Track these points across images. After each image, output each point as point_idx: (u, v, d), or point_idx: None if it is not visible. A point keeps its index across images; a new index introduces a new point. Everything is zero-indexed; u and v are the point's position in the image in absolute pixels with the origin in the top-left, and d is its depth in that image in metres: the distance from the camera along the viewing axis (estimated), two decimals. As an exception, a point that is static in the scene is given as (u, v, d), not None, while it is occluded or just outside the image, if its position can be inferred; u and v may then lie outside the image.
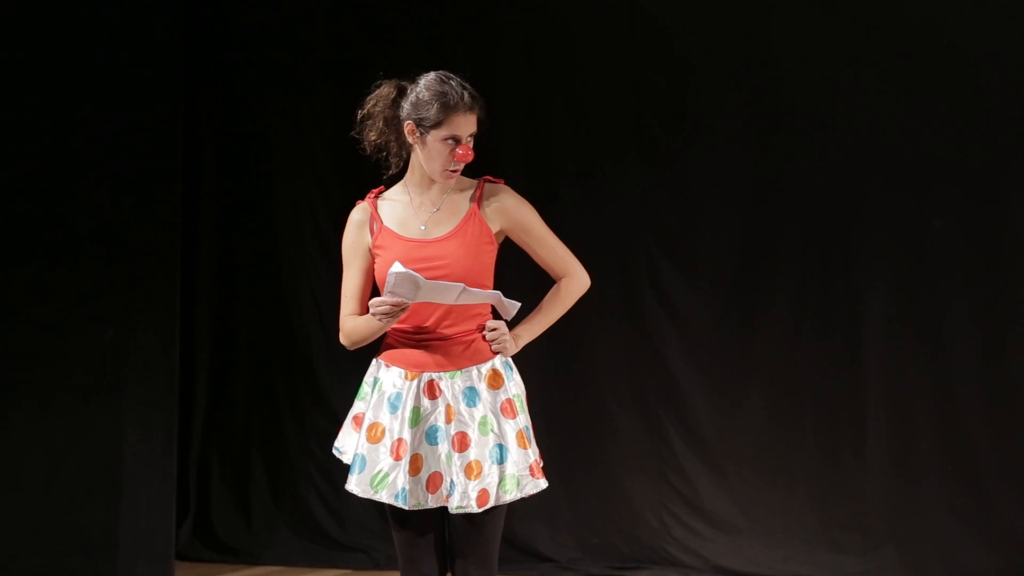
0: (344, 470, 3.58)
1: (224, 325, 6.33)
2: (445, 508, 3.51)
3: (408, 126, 3.54)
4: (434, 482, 3.47)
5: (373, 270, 3.61)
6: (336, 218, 6.17)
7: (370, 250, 3.59)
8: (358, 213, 3.63)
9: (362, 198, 3.64)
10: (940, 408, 5.73)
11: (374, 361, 3.60)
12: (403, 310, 3.39)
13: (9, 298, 5.69)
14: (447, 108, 3.48)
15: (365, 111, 3.61)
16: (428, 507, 3.49)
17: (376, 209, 3.59)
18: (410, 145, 3.58)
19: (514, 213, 3.60)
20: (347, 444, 3.59)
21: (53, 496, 5.71)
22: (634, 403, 6.04)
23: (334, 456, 3.65)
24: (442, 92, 3.50)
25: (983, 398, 5.65)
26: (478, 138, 3.55)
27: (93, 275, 5.78)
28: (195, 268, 6.25)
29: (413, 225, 3.55)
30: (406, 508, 3.47)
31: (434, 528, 3.55)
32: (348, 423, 3.61)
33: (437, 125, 3.49)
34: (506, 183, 3.64)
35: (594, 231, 6.04)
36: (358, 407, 3.60)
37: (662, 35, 5.98)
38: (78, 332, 5.76)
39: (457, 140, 3.50)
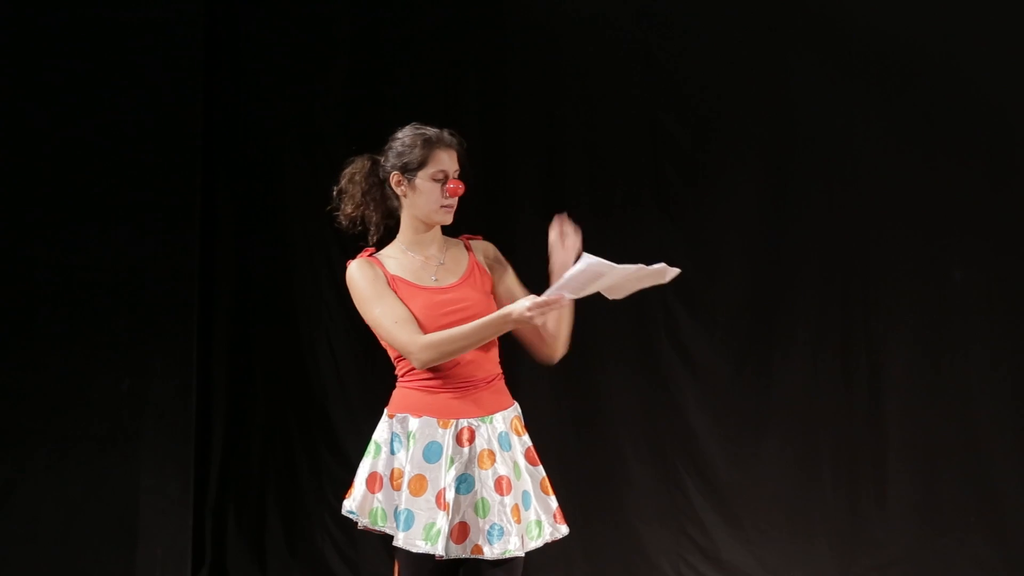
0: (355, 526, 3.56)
1: (240, 375, 6.33)
2: (456, 563, 3.47)
3: (394, 177, 3.58)
4: (461, 531, 3.43)
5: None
6: (353, 268, 6.25)
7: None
8: (363, 265, 3.60)
9: (352, 258, 3.64)
10: (962, 458, 5.70)
11: (389, 419, 3.55)
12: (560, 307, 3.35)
13: (26, 347, 5.72)
14: (430, 144, 3.57)
15: (340, 186, 3.67)
16: (455, 556, 3.43)
17: (380, 263, 3.60)
18: (396, 205, 3.61)
19: (504, 266, 3.68)
20: (361, 505, 3.52)
21: (69, 546, 5.71)
22: (650, 453, 6.01)
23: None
24: (422, 133, 3.59)
25: (1007, 448, 5.63)
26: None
27: (110, 325, 5.80)
28: (211, 318, 6.26)
29: (424, 277, 3.57)
30: (446, 557, 3.42)
31: None
32: (361, 483, 3.54)
33: (423, 164, 3.56)
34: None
35: (611, 280, 6.03)
36: (370, 465, 3.54)
37: (679, 85, 6.00)
38: (95, 381, 5.78)
39: (446, 175, 3.57)
